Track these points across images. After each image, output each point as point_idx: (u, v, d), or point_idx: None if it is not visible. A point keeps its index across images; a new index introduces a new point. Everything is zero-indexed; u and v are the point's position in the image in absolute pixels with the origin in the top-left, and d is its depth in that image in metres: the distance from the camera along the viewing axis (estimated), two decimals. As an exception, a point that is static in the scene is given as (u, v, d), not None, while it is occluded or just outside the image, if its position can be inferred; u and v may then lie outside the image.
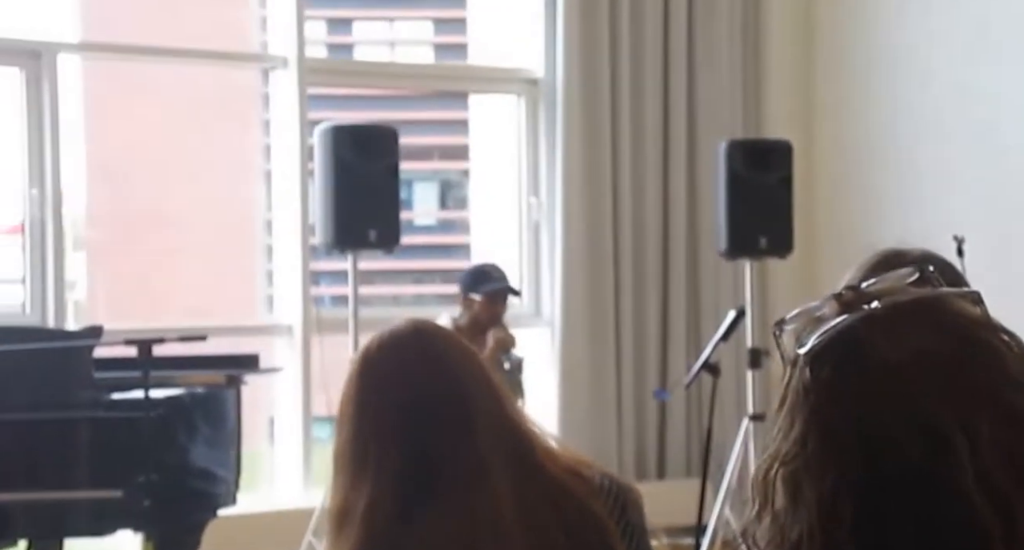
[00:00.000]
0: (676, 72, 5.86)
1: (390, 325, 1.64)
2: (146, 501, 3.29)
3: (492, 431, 1.56)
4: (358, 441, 1.55)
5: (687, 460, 5.81)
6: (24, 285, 4.98)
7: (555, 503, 1.56)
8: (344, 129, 4.82)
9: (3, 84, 5.12)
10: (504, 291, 4.77)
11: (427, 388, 1.56)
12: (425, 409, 1.55)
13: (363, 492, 1.52)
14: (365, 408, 1.57)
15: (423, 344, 1.60)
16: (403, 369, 1.58)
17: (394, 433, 1.54)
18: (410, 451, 1.54)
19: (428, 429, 1.55)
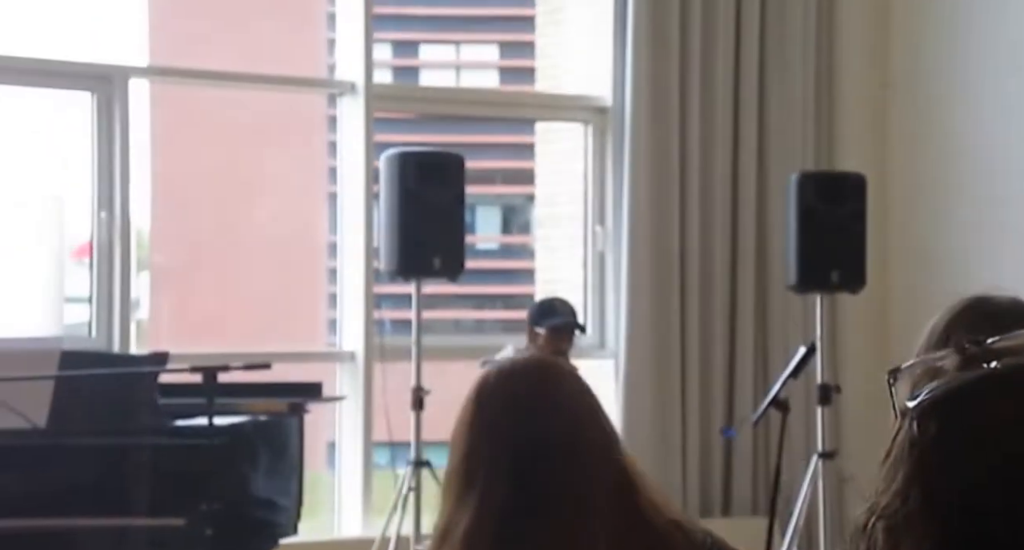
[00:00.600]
0: (746, 101, 5.77)
1: (513, 356, 1.66)
2: (208, 530, 3.25)
3: (599, 471, 1.56)
4: (467, 465, 1.57)
5: (753, 497, 5.69)
6: (91, 304, 5.02)
7: None
8: (410, 156, 4.80)
9: (74, 108, 5.17)
10: (569, 326, 4.70)
11: (539, 421, 1.57)
12: (535, 441, 1.56)
13: (466, 514, 1.54)
14: (477, 434, 1.58)
15: (542, 378, 1.61)
16: (518, 400, 1.59)
17: (502, 461, 1.55)
18: (516, 481, 1.54)
19: (536, 461, 1.55)
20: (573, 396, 1.61)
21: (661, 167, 5.60)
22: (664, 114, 5.62)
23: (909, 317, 5.74)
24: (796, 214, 5.20)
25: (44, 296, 5.60)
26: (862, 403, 5.71)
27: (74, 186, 5.27)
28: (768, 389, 5.39)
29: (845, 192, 5.21)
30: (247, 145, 9.90)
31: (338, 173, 5.54)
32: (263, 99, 8.00)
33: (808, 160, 5.82)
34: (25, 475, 3.32)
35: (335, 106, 5.59)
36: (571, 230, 6.08)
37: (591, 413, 1.60)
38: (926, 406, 0.95)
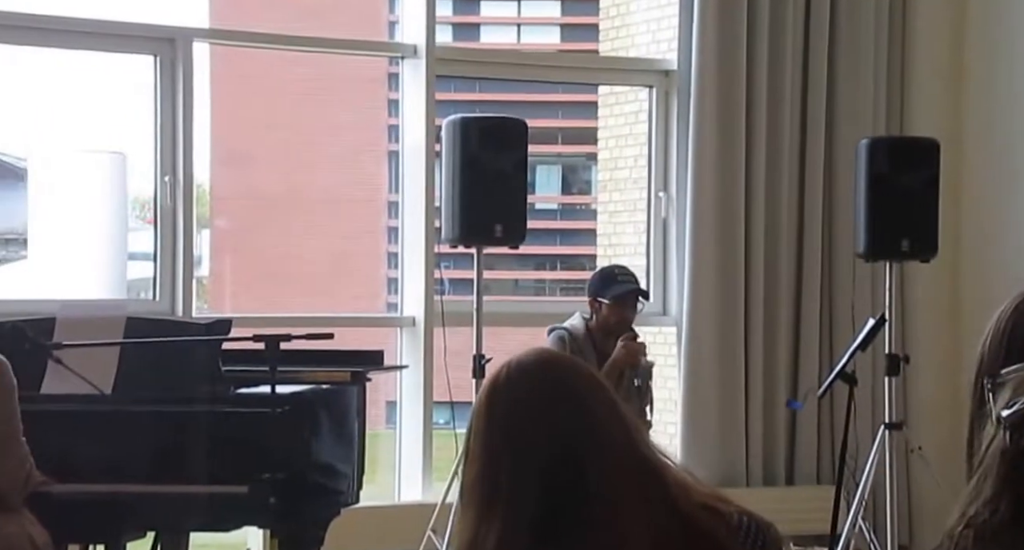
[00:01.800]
0: (816, 64, 5.64)
1: (516, 356, 1.60)
2: (271, 498, 3.27)
3: (623, 465, 1.51)
4: (487, 476, 1.52)
5: (817, 467, 5.63)
6: (154, 263, 5.06)
7: (691, 542, 1.50)
8: (472, 122, 4.75)
9: (137, 71, 5.17)
10: (632, 295, 4.64)
11: (555, 422, 1.52)
12: (554, 443, 1.51)
13: (493, 528, 1.49)
14: (493, 442, 1.53)
15: (550, 376, 1.56)
16: (530, 403, 1.53)
17: (523, 468, 1.51)
18: (540, 486, 1.50)
19: (557, 464, 1.50)
20: (588, 391, 1.55)
21: (727, 132, 5.49)
22: (731, 77, 5.50)
23: (981, 287, 5.62)
24: (866, 181, 5.09)
25: (108, 252, 5.65)
26: (931, 374, 5.62)
27: (138, 147, 5.30)
28: (834, 359, 5.31)
29: (917, 158, 5.09)
30: (307, 104, 9.89)
31: (400, 136, 5.50)
32: (323, 58, 7.97)
33: (879, 125, 5.68)
34: (91, 441, 3.35)
35: (396, 64, 5.55)
36: (633, 195, 6.01)
37: (608, 406, 1.55)
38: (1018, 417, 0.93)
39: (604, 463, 1.50)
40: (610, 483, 1.49)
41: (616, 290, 4.61)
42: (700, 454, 5.41)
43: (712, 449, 5.44)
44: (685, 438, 5.46)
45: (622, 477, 1.49)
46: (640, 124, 5.93)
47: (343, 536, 3.92)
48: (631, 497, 1.49)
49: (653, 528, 1.48)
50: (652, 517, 1.48)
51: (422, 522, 4.75)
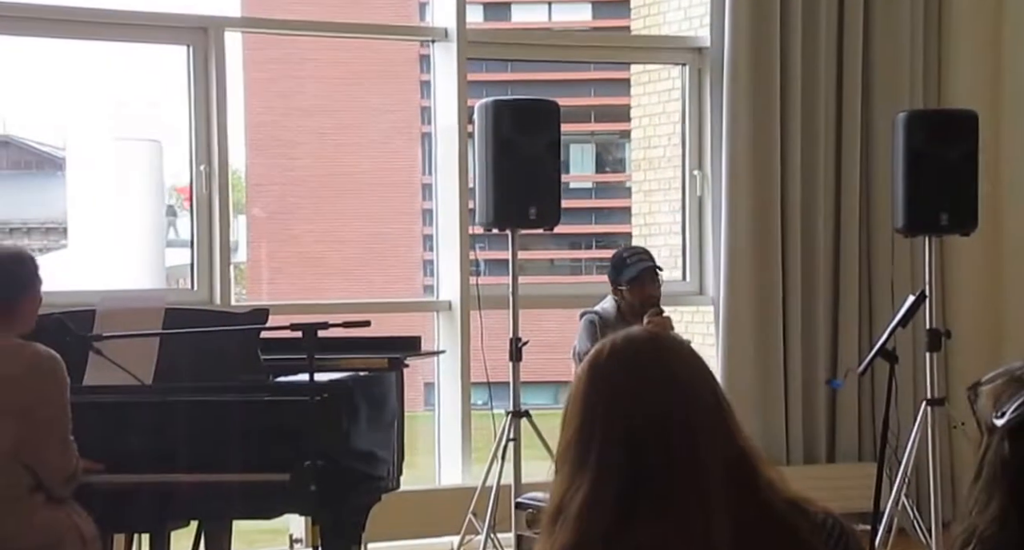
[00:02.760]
0: (851, 38, 5.57)
1: (627, 330, 1.63)
2: (312, 485, 3.27)
3: (716, 448, 1.52)
4: (580, 442, 1.54)
5: (858, 445, 5.59)
6: (192, 250, 5.10)
7: (773, 533, 1.51)
8: (504, 104, 4.73)
9: (171, 60, 5.20)
10: (644, 273, 4.63)
11: (654, 396, 1.54)
12: (650, 418, 1.53)
13: (580, 492, 1.51)
14: (591, 410, 1.55)
15: (656, 353, 1.58)
16: (632, 375, 1.56)
17: (616, 438, 1.53)
18: (630, 458, 1.52)
19: (650, 438, 1.52)
20: (689, 370, 1.57)
21: (761, 108, 5.44)
22: (764, 53, 5.45)
23: (1023, 259, 5.54)
24: (903, 155, 5.03)
25: (146, 240, 5.70)
26: (972, 348, 5.56)
27: (173, 136, 5.33)
28: (874, 336, 5.27)
29: (955, 130, 5.01)
30: (340, 89, 9.91)
31: (432, 118, 5.50)
32: (354, 43, 7.97)
33: (916, 98, 5.61)
34: (133, 432, 3.37)
35: (427, 46, 5.54)
36: (668, 173, 5.98)
37: (707, 388, 1.56)
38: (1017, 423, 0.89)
39: (695, 445, 1.51)
40: (699, 465, 1.50)
41: (628, 273, 4.63)
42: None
43: (751, 427, 5.35)
44: (724, 417, 5.43)
45: (712, 461, 1.50)
46: (674, 102, 5.89)
47: (384, 521, 3.94)
48: (718, 482, 1.49)
49: (736, 515, 1.48)
50: (737, 504, 1.49)
51: (463, 506, 4.77)
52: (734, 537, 1.48)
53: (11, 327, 3.03)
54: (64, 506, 3.02)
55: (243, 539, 5.19)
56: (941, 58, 5.73)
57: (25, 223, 10.11)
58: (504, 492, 4.67)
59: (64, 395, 3.00)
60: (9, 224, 9.92)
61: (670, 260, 5.84)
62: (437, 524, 4.98)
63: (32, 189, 10.52)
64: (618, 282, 4.67)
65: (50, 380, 2.97)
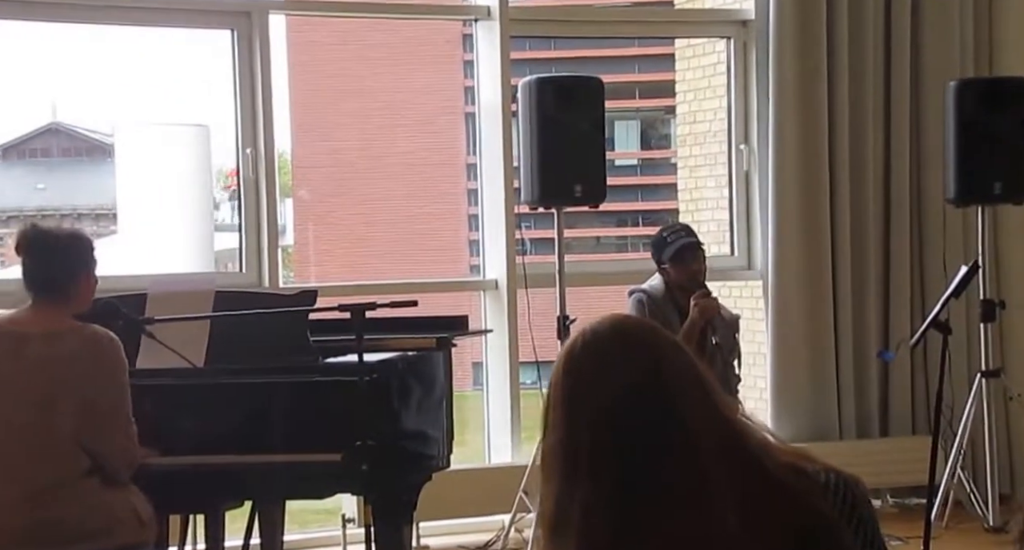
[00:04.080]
0: (899, 5, 5.48)
1: (590, 324, 1.58)
2: (363, 465, 3.29)
3: (704, 428, 1.49)
4: (567, 446, 1.51)
5: (912, 418, 5.54)
6: (240, 234, 5.13)
7: (778, 503, 1.48)
8: (548, 81, 4.71)
9: (216, 45, 5.22)
10: (683, 249, 4.59)
11: (632, 388, 1.50)
12: (633, 410, 1.49)
13: (576, 499, 1.48)
14: (572, 411, 1.52)
15: (625, 342, 1.54)
16: (606, 370, 1.52)
17: (603, 437, 1.49)
18: (622, 454, 1.48)
19: (638, 431, 1.48)
20: (665, 356, 1.52)
21: (808, 80, 5.38)
22: (810, 24, 5.38)
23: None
24: (955, 124, 4.96)
25: (195, 225, 5.74)
26: (1028, 319, 5.49)
27: (220, 119, 5.35)
28: (926, 308, 5.21)
29: (1008, 99, 4.95)
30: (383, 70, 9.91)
31: (476, 97, 5.48)
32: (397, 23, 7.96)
33: (967, 66, 5.52)
34: (186, 414, 3.41)
35: (470, 26, 5.52)
36: (714, 148, 5.93)
37: (687, 370, 1.52)
38: None
39: (684, 428, 1.48)
40: (691, 448, 1.47)
41: (668, 251, 4.60)
42: (790, 408, 5.36)
43: (802, 402, 5.38)
44: (774, 392, 5.41)
45: (704, 441, 1.47)
46: (719, 76, 5.84)
47: (435, 500, 3.96)
48: (713, 460, 1.46)
49: (739, 491, 1.46)
50: (737, 480, 1.46)
51: (513, 484, 4.78)
52: (741, 514, 1.45)
53: (67, 307, 3.05)
54: (122, 488, 3.05)
55: (296, 520, 5.24)
56: (992, 25, 5.63)
57: (75, 209, 10.22)
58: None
59: (123, 376, 3.02)
60: (60, 210, 10.03)
61: (718, 235, 5.80)
62: (488, 502, 4.99)
63: (82, 176, 10.63)
64: (660, 261, 4.64)
65: (109, 360, 2.99)
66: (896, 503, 5.39)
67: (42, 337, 2.98)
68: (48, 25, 5.30)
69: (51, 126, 10.29)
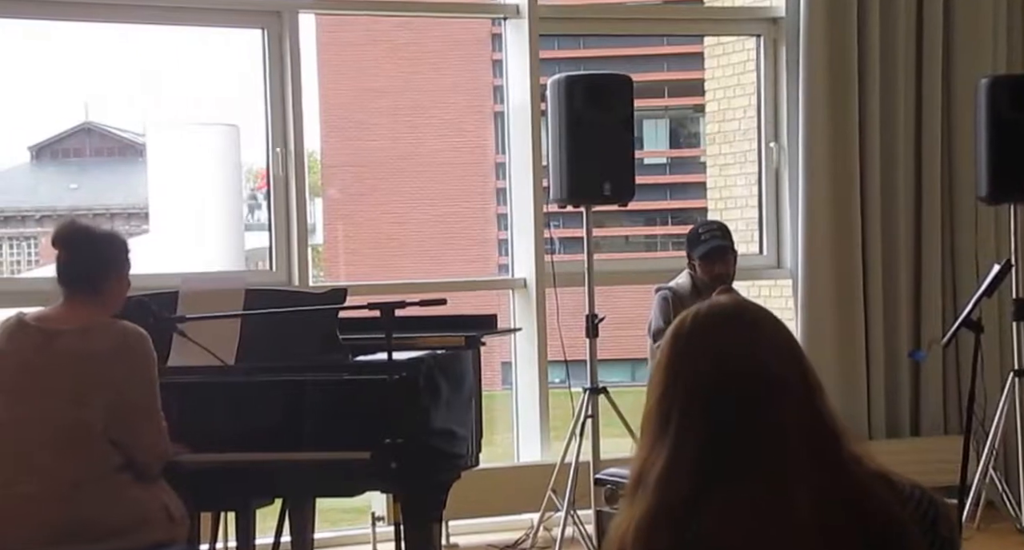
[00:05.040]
0: (931, 2, 5.44)
1: (713, 298, 1.64)
2: (393, 463, 3.29)
3: (799, 419, 1.50)
4: (662, 408, 1.54)
5: (944, 417, 5.50)
6: (270, 233, 5.15)
7: (857, 504, 1.49)
8: (577, 80, 4.70)
9: (245, 46, 5.25)
10: (714, 251, 4.58)
11: (737, 365, 1.53)
12: (733, 386, 1.52)
13: (660, 460, 1.51)
14: (674, 376, 1.55)
15: (742, 322, 1.57)
16: (716, 343, 1.55)
17: (698, 405, 1.52)
18: (711, 425, 1.51)
19: (733, 406, 1.51)
20: (773, 340, 1.55)
21: (839, 78, 5.35)
22: (841, 21, 5.34)
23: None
24: (986, 121, 4.92)
25: (226, 224, 5.77)
26: (1060, 319, 5.42)
27: (250, 119, 5.38)
28: (958, 306, 5.17)
29: (1040, 96, 4.89)
30: (412, 69, 9.93)
31: (505, 96, 5.49)
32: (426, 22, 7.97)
33: (999, 63, 5.47)
34: (216, 412, 3.42)
35: (499, 24, 5.52)
36: (743, 146, 5.91)
37: (792, 358, 1.54)
38: None
39: (779, 412, 1.49)
40: (780, 432, 1.48)
41: (700, 249, 4.61)
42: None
43: (833, 401, 5.35)
44: (805, 392, 5.37)
45: (794, 429, 1.49)
46: (748, 74, 5.81)
47: (465, 498, 3.97)
48: (799, 451, 1.48)
49: (817, 484, 1.47)
50: (819, 474, 1.47)
51: (542, 482, 4.78)
52: (815, 505, 1.45)
53: (99, 304, 3.07)
54: (152, 485, 3.06)
55: (326, 519, 5.26)
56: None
57: (108, 209, 10.30)
58: (583, 469, 4.67)
59: (153, 371, 3.03)
60: (92, 210, 10.12)
61: (747, 234, 5.78)
62: (517, 501, 4.99)
63: (114, 175, 10.71)
64: (691, 255, 4.66)
65: (138, 356, 3.00)
66: (927, 503, 5.35)
67: (73, 333, 3.00)
68: (80, 25, 5.35)
69: (84, 126, 10.37)
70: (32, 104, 8.56)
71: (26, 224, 10.86)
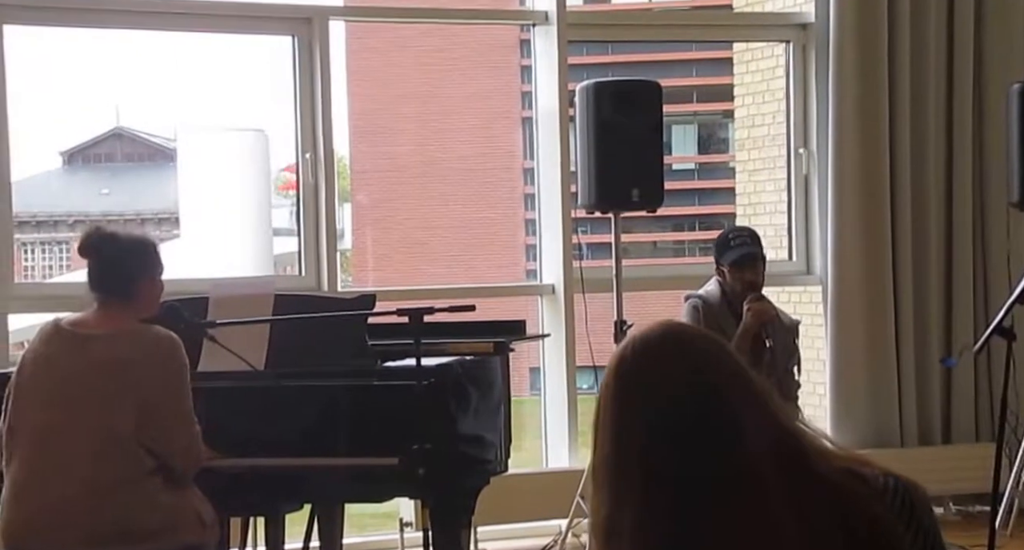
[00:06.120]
0: (962, 8, 5.41)
1: (640, 330, 1.57)
2: (421, 469, 3.30)
3: (759, 434, 1.47)
4: (619, 455, 1.49)
5: (975, 424, 5.46)
6: (299, 238, 5.18)
7: (836, 508, 1.46)
8: (606, 86, 4.70)
9: (275, 52, 5.28)
10: (744, 258, 4.55)
11: (686, 395, 1.49)
12: (686, 417, 1.48)
13: (629, 509, 1.46)
14: (624, 420, 1.50)
15: (677, 349, 1.52)
16: (659, 377, 1.50)
17: (656, 445, 1.47)
18: (675, 463, 1.47)
19: (691, 438, 1.47)
20: (716, 362, 1.51)
21: (869, 83, 5.32)
22: (871, 27, 5.32)
23: None
24: (1018, 126, 4.88)
25: (255, 229, 5.80)
26: (1094, 326, 5.38)
27: (279, 124, 5.41)
28: (989, 313, 5.14)
29: (1072, 101, 4.85)
30: (441, 75, 9.95)
31: (534, 102, 5.49)
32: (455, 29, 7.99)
33: (1031, 69, 5.44)
34: (246, 417, 3.44)
35: (528, 31, 5.53)
36: (772, 152, 5.89)
37: (738, 377, 1.50)
38: None
39: (737, 436, 1.46)
40: (745, 455, 1.45)
41: (730, 255, 4.56)
42: (850, 414, 5.31)
43: (863, 409, 5.33)
44: (834, 398, 5.36)
45: (759, 447, 1.46)
46: (777, 79, 5.80)
47: (493, 504, 3.97)
48: (770, 468, 1.45)
49: (795, 498, 1.44)
50: (794, 486, 1.45)
51: (570, 488, 4.77)
52: (798, 520, 1.43)
53: (130, 309, 3.09)
54: (184, 490, 3.07)
55: (355, 523, 5.28)
56: (1057, 27, 5.54)
57: (139, 214, 10.38)
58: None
59: (185, 376, 3.05)
60: (123, 215, 10.20)
61: (775, 240, 5.76)
62: (545, 507, 4.99)
63: (145, 180, 10.80)
64: (720, 262, 4.63)
65: (171, 360, 3.02)
66: (959, 511, 5.32)
67: (105, 339, 3.02)
68: (111, 32, 5.39)
69: (115, 131, 10.45)
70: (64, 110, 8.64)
71: (58, 229, 10.96)
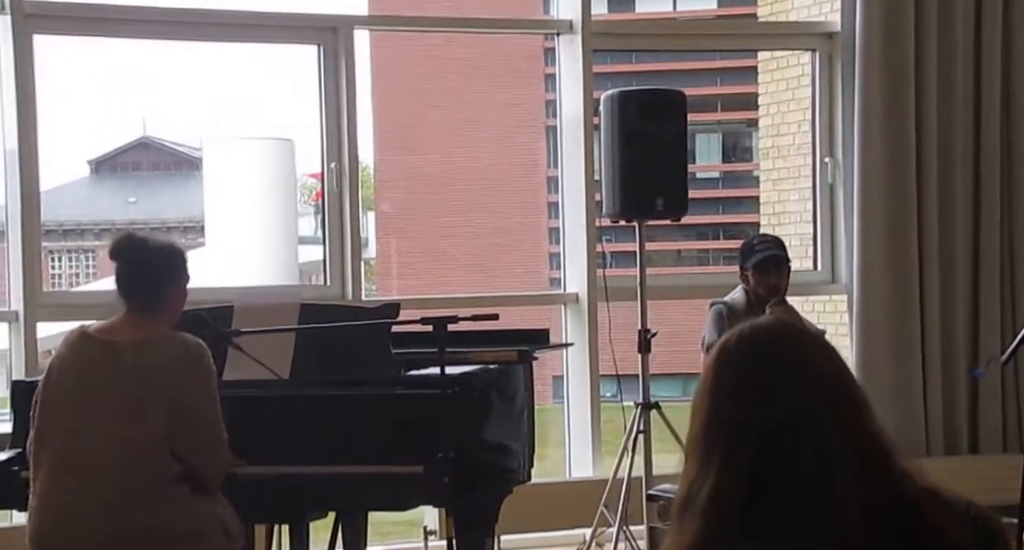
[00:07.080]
0: (990, 16, 5.38)
1: (753, 320, 1.63)
2: (445, 477, 3.30)
3: (847, 439, 1.50)
4: (709, 431, 1.54)
5: (1003, 435, 5.42)
6: (324, 246, 5.19)
7: (909, 521, 1.48)
8: (630, 95, 4.70)
9: (301, 61, 5.31)
10: (768, 261, 4.55)
11: (783, 387, 1.52)
12: (778, 407, 1.51)
13: (708, 483, 1.51)
14: (717, 401, 1.55)
15: (785, 342, 1.56)
16: (760, 364, 1.55)
17: (743, 429, 1.52)
18: (758, 449, 1.50)
19: (779, 428, 1.50)
20: (818, 360, 1.54)
21: (895, 93, 5.30)
22: (898, 36, 5.30)
23: None
24: (1046, 136, 4.85)
25: (280, 237, 5.82)
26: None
27: (304, 133, 5.44)
28: (1017, 323, 5.11)
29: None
30: (466, 84, 9.98)
31: (558, 111, 5.50)
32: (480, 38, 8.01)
33: (1059, 77, 5.40)
34: (272, 425, 3.45)
35: (552, 39, 5.53)
36: (797, 161, 5.87)
37: (838, 378, 1.54)
38: None
39: (826, 437, 1.49)
40: (830, 455, 1.48)
41: (753, 259, 4.58)
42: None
43: (888, 418, 5.23)
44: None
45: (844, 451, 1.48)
46: (803, 88, 5.78)
47: (517, 513, 3.96)
48: (849, 473, 1.47)
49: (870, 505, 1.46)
50: (870, 494, 1.47)
51: (594, 498, 4.76)
52: (868, 527, 1.45)
53: (158, 316, 3.10)
54: (210, 498, 3.08)
55: (378, 531, 5.28)
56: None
57: (164, 223, 10.44)
58: (635, 484, 4.66)
59: (213, 383, 3.06)
60: (149, 224, 10.26)
61: (800, 249, 5.74)
62: (569, 516, 4.98)
63: (171, 189, 10.86)
64: (744, 266, 4.64)
65: (199, 368, 3.03)
66: (986, 523, 5.27)
67: (133, 346, 3.04)
68: (138, 42, 5.43)
69: (141, 140, 10.53)
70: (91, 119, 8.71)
71: (85, 237, 11.03)
